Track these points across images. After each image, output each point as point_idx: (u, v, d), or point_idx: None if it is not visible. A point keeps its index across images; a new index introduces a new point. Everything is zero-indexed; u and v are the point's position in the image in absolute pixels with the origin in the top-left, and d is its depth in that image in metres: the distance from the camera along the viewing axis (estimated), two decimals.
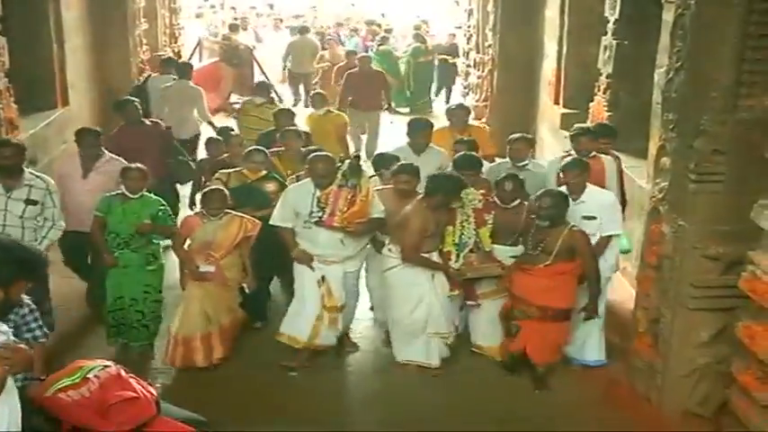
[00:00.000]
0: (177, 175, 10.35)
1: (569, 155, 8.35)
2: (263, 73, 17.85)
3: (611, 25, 10.47)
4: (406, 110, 18.30)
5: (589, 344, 7.55)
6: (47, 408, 4.00)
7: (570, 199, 7.15)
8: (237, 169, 8.44)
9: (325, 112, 11.98)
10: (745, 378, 6.00)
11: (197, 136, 12.53)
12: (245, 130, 11.30)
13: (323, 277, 7.26)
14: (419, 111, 17.76)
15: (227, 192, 7.65)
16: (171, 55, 15.49)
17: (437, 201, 7.13)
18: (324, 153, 7.56)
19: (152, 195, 7.76)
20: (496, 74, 14.61)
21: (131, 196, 7.48)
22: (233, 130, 11.10)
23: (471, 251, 7.43)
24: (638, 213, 8.27)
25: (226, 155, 9.41)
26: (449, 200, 7.20)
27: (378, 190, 7.63)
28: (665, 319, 6.69)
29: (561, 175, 7.66)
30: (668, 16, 7.16)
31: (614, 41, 10.40)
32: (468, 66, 17.71)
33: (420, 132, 9.05)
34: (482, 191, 7.55)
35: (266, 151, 8.64)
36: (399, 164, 7.84)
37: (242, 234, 7.47)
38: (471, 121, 10.90)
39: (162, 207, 7.65)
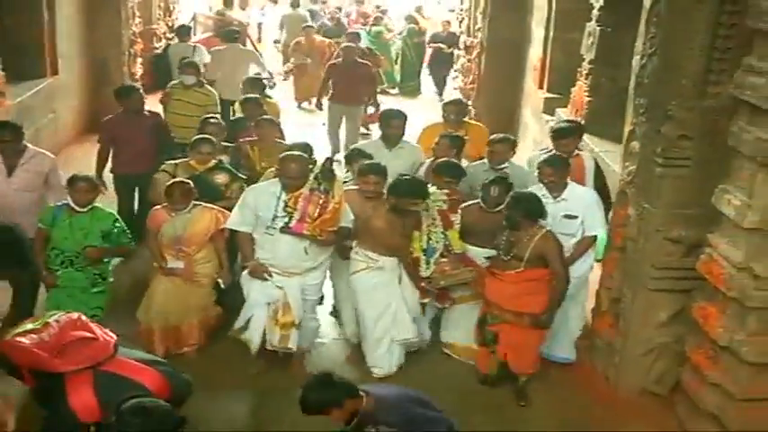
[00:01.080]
0: None
1: (549, 151, 7.95)
2: (255, 48, 17.48)
3: (595, 12, 10.52)
4: (395, 91, 18.38)
5: (559, 341, 7.30)
6: (5, 352, 4.12)
7: (551, 197, 6.97)
8: (184, 160, 7.93)
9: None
10: (698, 357, 6.16)
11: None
12: (171, 116, 10.07)
13: (281, 289, 6.58)
14: (409, 93, 17.98)
15: (191, 184, 7.08)
16: (184, 23, 15.67)
17: (402, 203, 6.67)
18: (297, 153, 6.80)
19: (104, 209, 7.07)
20: (484, 57, 14.61)
21: (79, 210, 6.76)
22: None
23: (442, 255, 6.96)
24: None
25: (255, 137, 8.70)
26: (413, 202, 6.71)
27: (345, 191, 6.87)
28: (626, 298, 6.82)
29: (537, 173, 7.25)
30: (646, 2, 7.22)
31: (598, 28, 10.43)
32: (459, 49, 17.58)
33: (392, 122, 8.51)
34: (446, 191, 7.06)
35: (214, 140, 8.01)
36: (366, 163, 7.32)
37: (213, 227, 7.02)
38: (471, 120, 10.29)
39: (116, 223, 6.99)
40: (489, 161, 7.92)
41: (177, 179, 7.21)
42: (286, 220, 6.32)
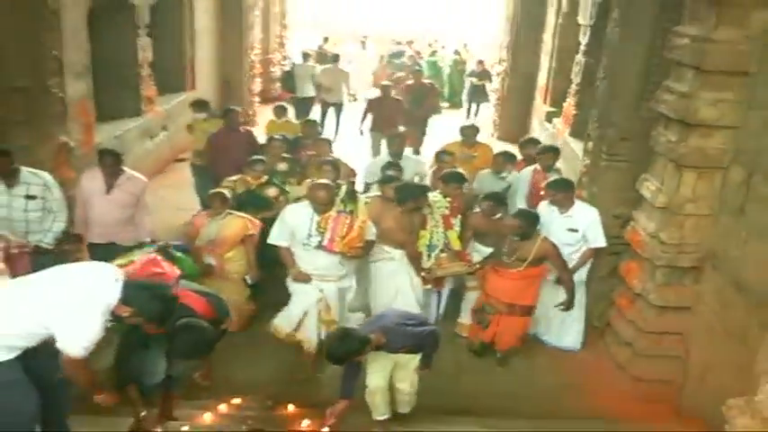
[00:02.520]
0: None
1: (538, 170, 7.40)
2: None
3: (582, 47, 10.51)
4: (446, 104, 18.29)
5: (568, 333, 6.68)
6: None
7: (559, 212, 6.42)
8: (242, 176, 7.33)
9: (283, 122, 10.28)
10: (621, 301, 6.25)
11: (341, 103, 14.18)
12: (197, 143, 9.35)
13: (321, 291, 5.97)
14: (453, 106, 18.04)
15: (227, 194, 6.66)
16: (307, 50, 15.82)
17: (408, 206, 6.26)
18: (324, 182, 6.11)
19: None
20: (507, 81, 14.60)
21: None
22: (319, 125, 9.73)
23: (442, 251, 6.53)
24: None
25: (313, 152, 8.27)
26: (418, 203, 6.33)
27: (370, 197, 6.56)
28: None
29: (547, 191, 6.59)
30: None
31: (583, 59, 10.43)
32: (490, 82, 16.93)
33: (395, 142, 8.05)
34: (449, 199, 6.63)
35: (264, 159, 7.58)
36: (385, 174, 6.94)
37: (243, 232, 6.47)
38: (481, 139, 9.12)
39: None
40: (493, 170, 7.78)
41: (216, 190, 6.77)
42: (319, 239, 5.79)
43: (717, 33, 5.20)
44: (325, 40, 19.57)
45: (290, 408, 5.34)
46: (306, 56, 15.04)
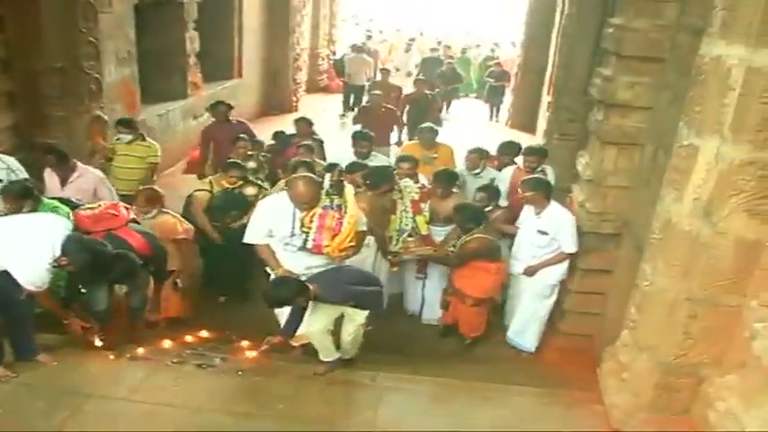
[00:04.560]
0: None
1: (520, 168, 6.76)
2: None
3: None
4: (474, 95, 18.37)
5: (527, 333, 6.04)
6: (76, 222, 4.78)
7: (534, 213, 5.80)
8: (216, 176, 6.55)
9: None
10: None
11: (363, 86, 14.75)
12: (116, 170, 7.05)
13: None
14: (480, 96, 17.91)
15: (161, 192, 5.83)
16: (357, 43, 16.80)
17: (384, 188, 5.88)
18: (306, 174, 5.03)
19: None
20: (520, 75, 14.56)
21: None
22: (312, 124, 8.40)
23: (410, 235, 6.02)
24: None
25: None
26: (392, 184, 5.95)
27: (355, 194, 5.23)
28: None
29: (521, 188, 5.90)
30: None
31: None
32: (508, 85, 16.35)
33: (361, 143, 7.00)
34: (420, 185, 6.17)
35: (242, 164, 6.56)
36: (348, 164, 6.27)
37: (171, 234, 5.51)
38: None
39: None
40: (467, 168, 7.01)
41: (145, 187, 6.06)
42: (303, 237, 4.64)
43: (634, 23, 5.24)
44: (369, 37, 19.69)
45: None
46: (358, 48, 15.95)
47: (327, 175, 4.94)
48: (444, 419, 4.24)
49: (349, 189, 4.92)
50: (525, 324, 6.01)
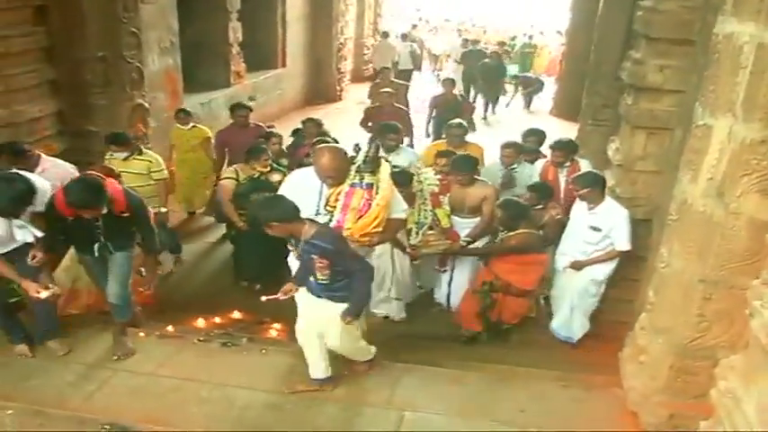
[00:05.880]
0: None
1: (552, 162, 6.40)
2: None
3: None
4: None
5: (573, 325, 5.82)
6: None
7: (587, 208, 5.52)
8: (242, 165, 6.40)
9: (190, 127, 8.11)
10: None
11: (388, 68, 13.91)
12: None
13: None
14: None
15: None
16: (406, 32, 18.01)
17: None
18: (333, 145, 4.72)
19: None
20: (564, 62, 14.40)
21: None
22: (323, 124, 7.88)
23: (431, 228, 5.74)
24: None
25: None
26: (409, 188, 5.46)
27: None
28: None
29: (573, 186, 5.65)
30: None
31: None
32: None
33: (389, 136, 6.64)
34: (439, 176, 5.85)
35: (266, 149, 6.44)
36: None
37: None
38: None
39: None
40: (502, 163, 6.56)
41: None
42: (328, 217, 4.13)
43: (663, 4, 5.18)
44: (414, 26, 19.72)
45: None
46: (404, 36, 17.04)
47: (363, 149, 4.22)
48: (458, 400, 4.28)
49: (385, 168, 4.24)
50: (570, 317, 5.83)
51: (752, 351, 2.68)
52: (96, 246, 4.52)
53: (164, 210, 6.52)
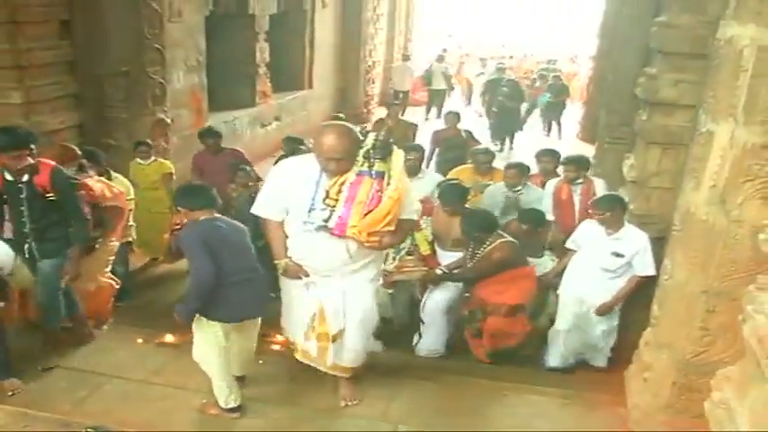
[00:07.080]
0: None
1: (565, 181, 6.17)
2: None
3: None
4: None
5: (599, 354, 5.46)
6: None
7: (606, 233, 5.15)
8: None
9: (150, 162, 7.01)
10: None
11: (407, 91, 16.73)
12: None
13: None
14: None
15: (75, 149, 5.37)
16: (441, 54, 18.16)
17: None
18: (340, 124, 3.73)
19: None
20: (592, 85, 14.27)
21: None
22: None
23: (409, 254, 5.30)
24: None
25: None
26: None
27: None
28: None
29: (594, 210, 5.25)
30: None
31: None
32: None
33: (407, 155, 5.46)
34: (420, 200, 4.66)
35: (246, 168, 6.47)
36: None
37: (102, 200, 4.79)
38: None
39: None
40: (506, 184, 6.18)
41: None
42: (326, 214, 3.47)
43: (678, 19, 5.10)
44: (444, 50, 19.71)
45: None
46: (440, 58, 17.39)
47: (371, 134, 3.54)
48: (455, 415, 4.16)
49: (398, 154, 3.57)
50: (596, 347, 5.44)
51: (747, 360, 2.55)
52: (26, 246, 4.32)
53: (130, 239, 6.11)
